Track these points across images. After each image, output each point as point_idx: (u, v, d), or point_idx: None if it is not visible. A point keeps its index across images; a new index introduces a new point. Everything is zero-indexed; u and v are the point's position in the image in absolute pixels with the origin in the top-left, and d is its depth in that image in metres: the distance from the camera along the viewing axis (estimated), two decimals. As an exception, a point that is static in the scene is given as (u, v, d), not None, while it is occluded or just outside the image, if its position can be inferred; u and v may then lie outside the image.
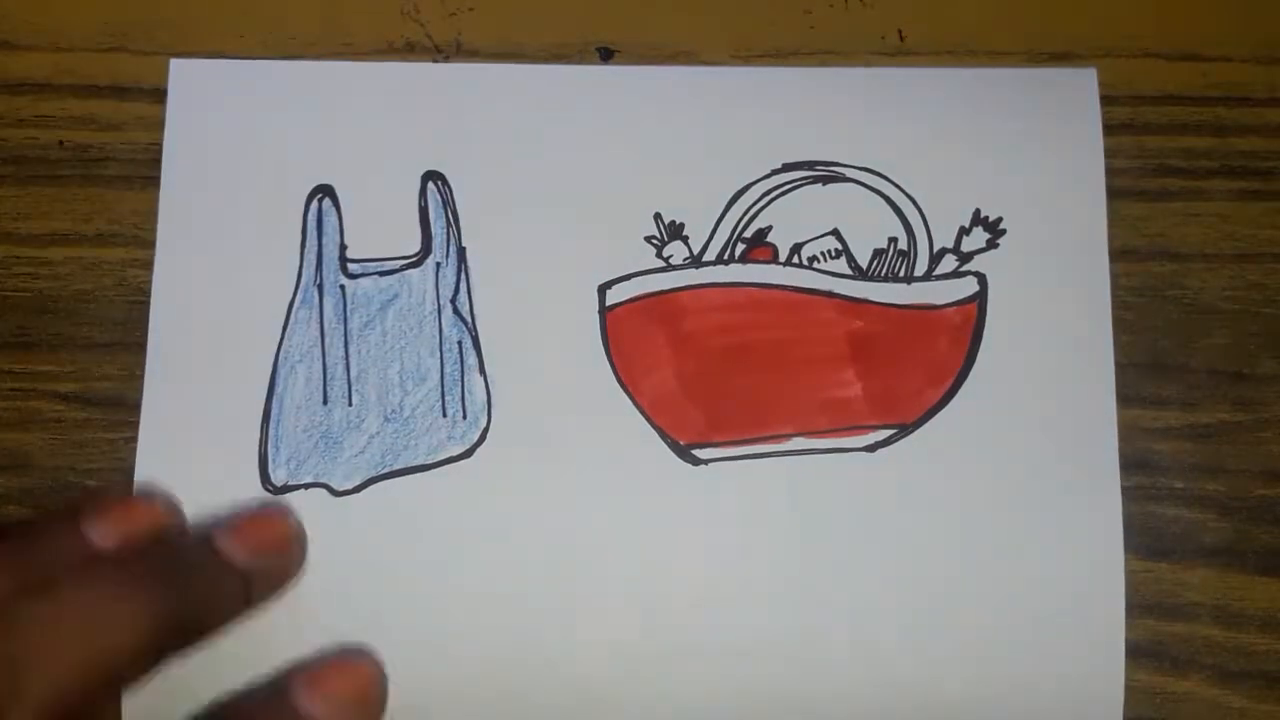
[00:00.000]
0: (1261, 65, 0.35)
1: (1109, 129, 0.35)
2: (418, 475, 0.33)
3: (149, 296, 0.34)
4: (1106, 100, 0.35)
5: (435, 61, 0.35)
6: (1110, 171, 0.34)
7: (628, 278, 0.34)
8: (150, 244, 0.34)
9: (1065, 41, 0.35)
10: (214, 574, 0.26)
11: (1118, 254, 0.34)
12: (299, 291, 0.34)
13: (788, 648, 0.32)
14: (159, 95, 0.35)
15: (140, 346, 0.33)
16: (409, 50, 0.35)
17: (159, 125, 0.35)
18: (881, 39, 0.36)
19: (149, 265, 0.34)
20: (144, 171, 0.34)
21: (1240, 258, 0.34)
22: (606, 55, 0.35)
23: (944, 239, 0.34)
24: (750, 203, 0.34)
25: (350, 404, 0.33)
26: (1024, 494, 0.33)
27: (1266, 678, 0.33)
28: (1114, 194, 0.34)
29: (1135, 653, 0.32)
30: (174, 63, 0.35)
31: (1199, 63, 0.35)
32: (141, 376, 0.33)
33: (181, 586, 0.26)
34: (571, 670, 0.32)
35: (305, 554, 0.28)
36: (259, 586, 0.27)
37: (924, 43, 0.35)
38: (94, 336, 0.34)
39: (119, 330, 0.34)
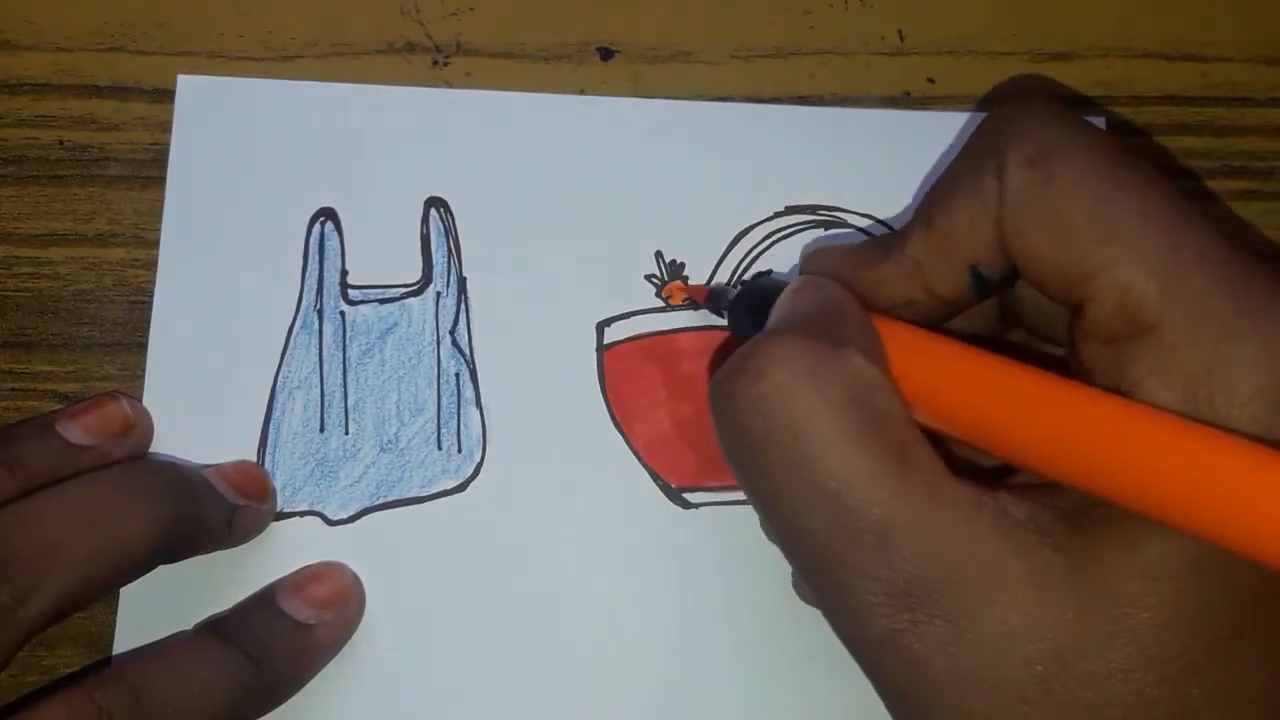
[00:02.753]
0: (1261, 65, 0.35)
1: (1110, 129, 0.35)
2: (411, 507, 0.33)
3: (149, 296, 0.34)
4: (1106, 100, 0.35)
5: (435, 62, 0.35)
6: (1110, 172, 0.34)
7: (626, 316, 0.34)
8: (150, 244, 0.34)
9: (1065, 41, 0.35)
10: (205, 496, 0.30)
11: (1117, 254, 0.34)
12: (299, 316, 0.34)
13: (769, 692, 0.32)
14: (159, 95, 0.35)
15: (140, 347, 0.33)
16: (409, 50, 0.35)
17: (159, 125, 0.35)
18: (881, 39, 0.36)
19: (149, 265, 0.34)
20: (144, 171, 0.34)
21: (1240, 258, 0.35)
22: (607, 55, 0.35)
23: None
24: (752, 245, 0.34)
25: (347, 432, 0.33)
26: None
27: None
28: (1114, 194, 0.34)
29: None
30: (181, 79, 0.35)
31: (1199, 63, 0.35)
32: (142, 377, 0.33)
33: (178, 501, 0.29)
34: (556, 707, 0.32)
35: (275, 507, 0.32)
36: (239, 520, 0.31)
37: (924, 43, 0.35)
38: (94, 336, 0.34)
39: (119, 330, 0.34)
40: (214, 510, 0.30)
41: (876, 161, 0.34)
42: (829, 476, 0.22)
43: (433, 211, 0.34)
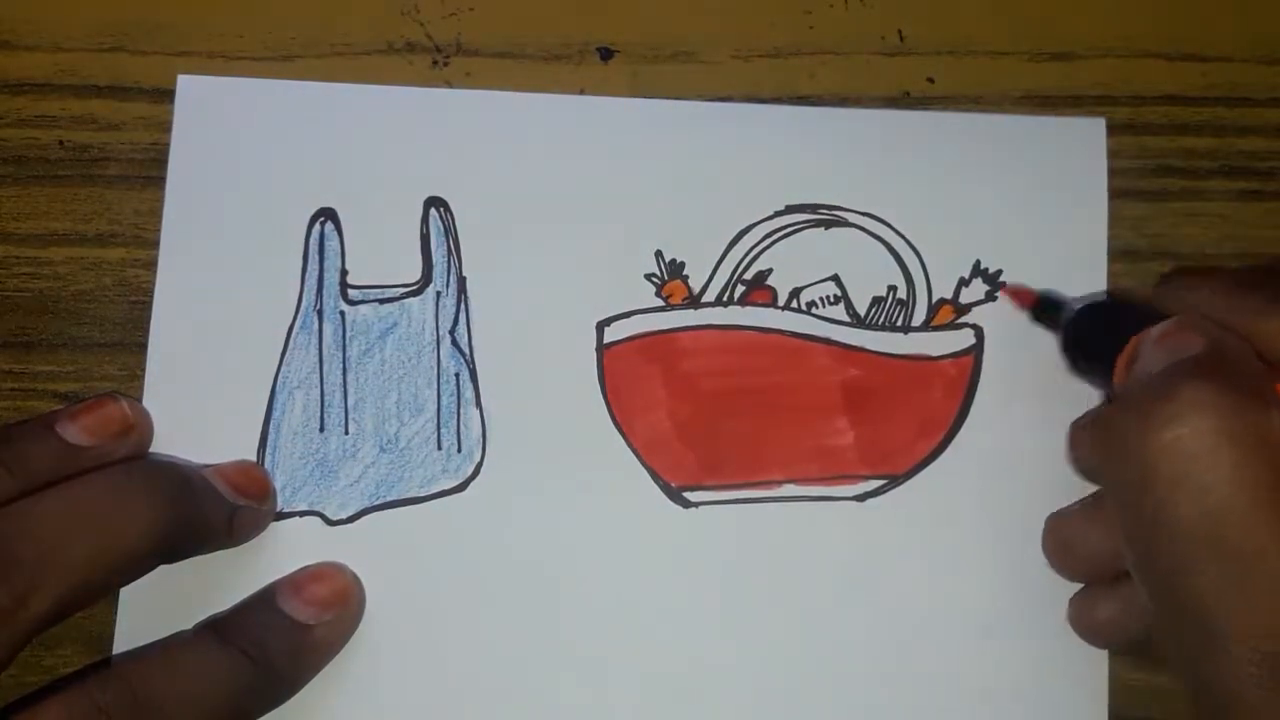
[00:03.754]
0: (1261, 65, 0.35)
1: (1110, 129, 0.35)
2: (411, 507, 0.33)
3: (149, 296, 0.34)
4: (1107, 100, 0.35)
5: (435, 62, 0.35)
6: (1111, 172, 0.34)
7: (626, 315, 0.34)
8: (150, 244, 0.34)
9: (1065, 41, 0.35)
10: (205, 496, 0.30)
11: (1118, 254, 0.34)
12: (299, 316, 0.34)
13: (769, 691, 0.32)
14: (159, 95, 0.35)
15: (140, 346, 0.33)
16: (409, 50, 0.35)
17: (159, 125, 0.35)
18: (881, 39, 0.36)
19: (149, 265, 0.34)
20: (144, 171, 0.34)
21: (1240, 258, 0.35)
22: (606, 55, 0.35)
23: (943, 289, 0.34)
24: (752, 244, 0.34)
25: (347, 432, 0.33)
26: (1010, 552, 0.32)
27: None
28: (1114, 194, 0.34)
29: (1127, 649, 0.32)
30: (181, 79, 0.35)
31: (1199, 63, 0.35)
32: (141, 377, 0.33)
33: (178, 501, 0.29)
34: (556, 706, 0.32)
35: (275, 507, 0.33)
36: (239, 520, 0.31)
37: (924, 43, 0.35)
38: (94, 336, 0.34)
39: (119, 330, 0.34)
40: (214, 510, 0.30)
41: (876, 161, 0.34)
42: (1246, 537, 0.22)
43: (433, 211, 0.34)
